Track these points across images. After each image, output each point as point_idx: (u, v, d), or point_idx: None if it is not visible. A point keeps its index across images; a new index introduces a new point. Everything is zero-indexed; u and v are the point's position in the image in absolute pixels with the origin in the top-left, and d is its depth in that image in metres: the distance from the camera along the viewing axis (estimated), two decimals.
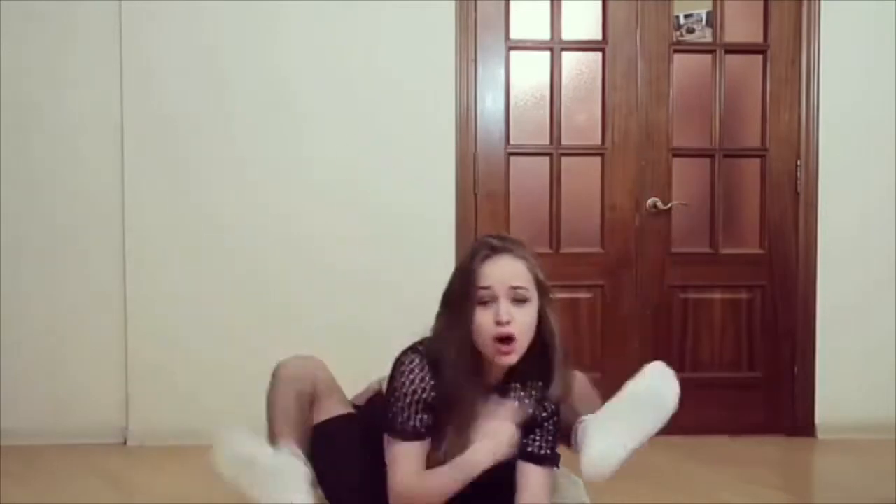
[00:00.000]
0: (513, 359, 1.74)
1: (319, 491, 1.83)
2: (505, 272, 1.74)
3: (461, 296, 1.75)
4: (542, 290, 1.78)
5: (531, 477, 1.81)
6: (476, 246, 1.82)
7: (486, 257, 1.75)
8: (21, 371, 3.47)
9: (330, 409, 1.89)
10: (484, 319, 1.72)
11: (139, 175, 3.47)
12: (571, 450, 1.87)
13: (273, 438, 1.81)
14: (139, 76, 3.46)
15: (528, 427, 1.82)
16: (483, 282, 1.73)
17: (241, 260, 3.51)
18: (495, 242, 1.79)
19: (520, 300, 1.74)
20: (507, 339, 1.72)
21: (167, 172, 3.49)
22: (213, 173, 3.49)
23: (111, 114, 3.46)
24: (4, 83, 3.46)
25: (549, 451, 1.83)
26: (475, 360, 1.76)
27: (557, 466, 1.86)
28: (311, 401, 1.87)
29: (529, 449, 1.82)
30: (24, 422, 3.46)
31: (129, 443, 3.49)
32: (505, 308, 1.72)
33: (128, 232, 3.48)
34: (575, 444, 1.85)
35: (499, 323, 1.71)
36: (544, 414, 1.83)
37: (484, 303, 1.73)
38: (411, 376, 1.76)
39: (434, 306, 1.85)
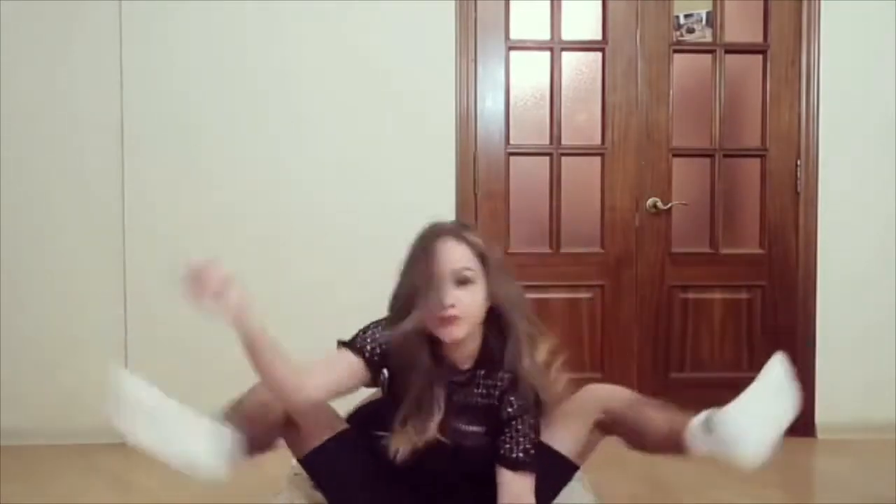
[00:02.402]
0: (457, 332, 1.74)
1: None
2: (445, 257, 1.75)
3: (408, 284, 1.77)
4: (488, 265, 1.78)
5: (505, 483, 1.76)
6: (419, 234, 1.84)
7: (433, 242, 1.77)
8: (21, 371, 3.47)
9: (319, 433, 1.86)
10: (428, 302, 1.73)
11: (139, 175, 3.48)
12: (680, 452, 1.81)
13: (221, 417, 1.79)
14: (139, 76, 3.46)
15: (497, 425, 1.78)
16: (427, 268, 1.74)
17: (242, 260, 3.51)
18: (435, 229, 1.81)
19: (463, 281, 1.74)
20: (449, 318, 1.73)
21: (167, 172, 3.49)
22: (214, 174, 3.49)
23: (111, 114, 3.46)
24: (4, 83, 3.46)
25: (521, 455, 1.76)
26: (431, 341, 1.77)
27: (535, 472, 1.78)
28: (281, 416, 1.84)
29: (501, 451, 1.77)
30: (24, 422, 3.46)
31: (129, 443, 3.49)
32: (447, 291, 1.72)
33: (128, 232, 3.48)
34: (692, 442, 1.78)
35: (442, 312, 1.72)
36: (510, 410, 1.78)
37: (427, 285, 1.74)
38: (376, 330, 1.82)
39: None
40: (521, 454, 1.76)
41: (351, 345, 1.81)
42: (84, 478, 3.05)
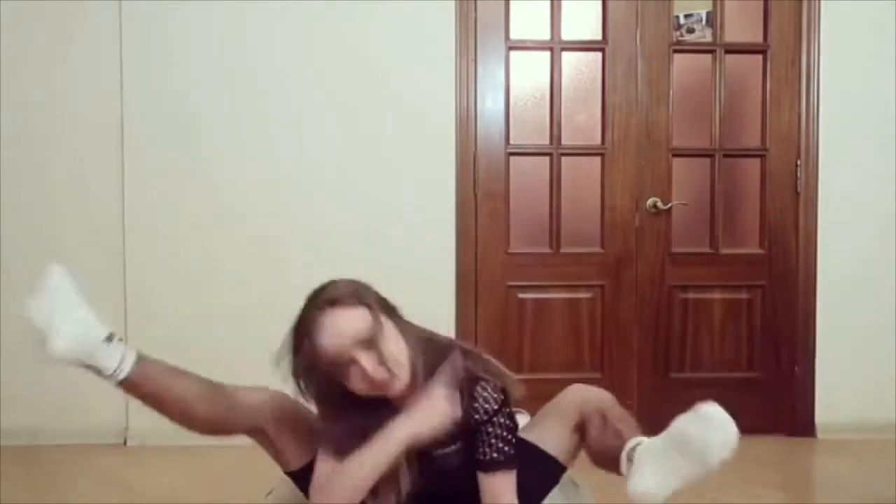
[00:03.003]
0: (399, 384, 1.66)
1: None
2: (345, 326, 1.63)
3: (316, 377, 1.66)
4: (386, 308, 1.69)
5: (484, 486, 1.72)
6: (302, 321, 1.70)
7: (320, 316, 1.65)
8: (21, 371, 3.47)
9: (302, 452, 1.81)
10: (354, 384, 1.64)
11: (139, 175, 3.47)
12: (617, 472, 1.74)
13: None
14: (139, 76, 3.46)
15: (467, 436, 1.72)
16: (327, 351, 1.62)
17: (242, 260, 3.51)
18: (309, 314, 1.68)
19: (368, 345, 1.62)
20: (378, 382, 1.64)
21: (167, 172, 3.49)
22: (214, 174, 3.49)
23: (111, 114, 3.46)
24: (4, 83, 3.46)
25: (495, 455, 1.71)
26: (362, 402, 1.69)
27: (513, 467, 1.73)
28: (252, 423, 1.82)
29: (478, 458, 1.72)
30: (24, 422, 3.46)
31: (129, 443, 3.49)
32: (368, 365, 1.61)
33: (128, 232, 3.48)
34: (622, 467, 1.71)
35: (369, 382, 1.63)
36: (476, 417, 1.70)
37: (337, 364, 1.63)
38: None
39: (434, 307, 1.84)
40: (495, 454, 1.72)
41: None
42: (84, 478, 3.05)
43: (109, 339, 1.82)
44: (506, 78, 3.58)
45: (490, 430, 1.72)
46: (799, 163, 3.61)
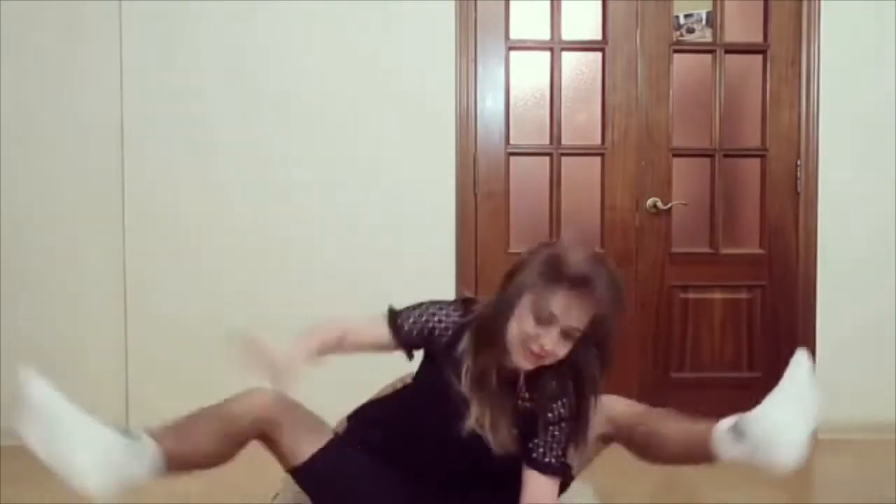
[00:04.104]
0: (532, 367, 1.71)
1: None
2: (573, 313, 1.67)
3: (516, 299, 1.69)
4: (596, 328, 1.72)
5: (531, 484, 1.76)
6: (561, 261, 1.68)
7: (569, 288, 1.66)
8: (21, 371, 3.47)
9: (305, 446, 1.82)
10: (527, 329, 1.68)
11: (139, 175, 3.47)
12: (717, 461, 1.75)
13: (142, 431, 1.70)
14: (139, 76, 3.46)
15: (531, 427, 1.77)
16: (548, 308, 1.66)
17: (243, 259, 3.51)
18: (582, 274, 1.67)
19: (568, 335, 1.69)
20: (536, 356, 1.69)
21: (167, 172, 3.49)
22: (214, 174, 3.49)
23: (111, 114, 3.46)
24: (4, 83, 3.45)
25: (552, 460, 1.77)
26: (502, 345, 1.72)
27: (564, 478, 1.79)
28: (247, 429, 1.82)
29: (533, 455, 1.77)
30: None
31: None
32: (551, 340, 1.67)
33: (128, 232, 3.48)
34: (732, 449, 1.73)
35: (535, 349, 1.67)
36: (550, 415, 1.76)
37: (538, 318, 1.67)
38: (432, 312, 1.80)
39: None
40: (552, 459, 1.76)
41: (392, 320, 1.83)
42: None
43: (126, 434, 1.68)
44: (506, 78, 3.58)
45: (556, 433, 1.76)
46: (799, 163, 3.61)
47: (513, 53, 3.59)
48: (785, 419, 1.70)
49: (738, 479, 2.96)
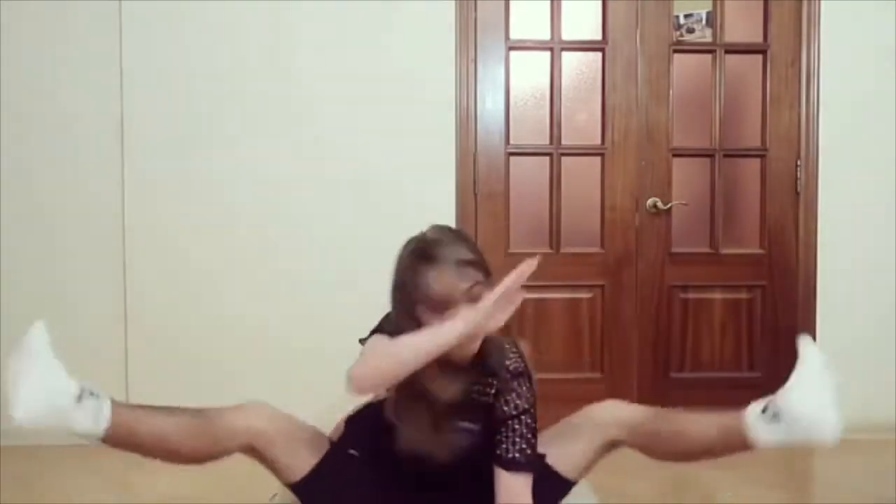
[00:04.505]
0: (475, 345, 1.74)
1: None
2: (462, 276, 1.71)
3: (414, 309, 1.73)
4: (490, 276, 1.75)
5: (501, 484, 1.74)
6: (419, 251, 1.77)
7: (436, 266, 1.71)
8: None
9: (300, 464, 1.83)
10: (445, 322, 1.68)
11: (139, 175, 3.47)
12: (754, 448, 1.78)
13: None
14: (139, 75, 3.46)
15: (492, 425, 1.76)
16: (440, 296, 1.69)
17: (243, 259, 3.51)
18: (443, 250, 1.74)
19: (475, 299, 1.69)
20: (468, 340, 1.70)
21: (167, 173, 3.49)
22: (214, 174, 3.49)
23: (111, 113, 3.46)
24: (4, 83, 3.45)
25: (517, 455, 1.74)
26: None
27: (532, 472, 1.76)
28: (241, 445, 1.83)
29: (497, 451, 1.75)
30: None
31: None
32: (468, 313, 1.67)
33: (128, 232, 3.48)
34: (769, 433, 1.76)
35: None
36: (505, 409, 1.76)
37: (443, 308, 1.68)
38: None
39: None
40: (517, 454, 1.74)
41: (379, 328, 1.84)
42: (84, 478, 3.04)
43: (80, 397, 1.77)
44: (506, 78, 3.58)
45: (517, 427, 1.75)
46: (799, 163, 3.61)
47: (513, 53, 3.59)
48: (815, 395, 1.75)
49: (737, 480, 2.97)
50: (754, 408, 1.79)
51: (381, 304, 1.91)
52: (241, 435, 1.80)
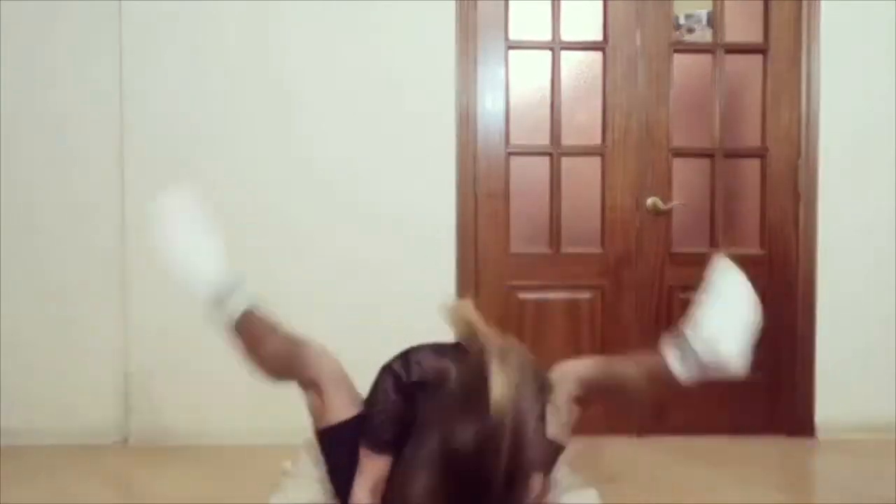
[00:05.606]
0: None
1: (330, 486, 1.86)
2: None
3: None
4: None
5: None
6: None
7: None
8: (21, 371, 3.47)
9: (339, 411, 1.88)
10: None
11: (139, 175, 3.47)
12: (680, 384, 1.83)
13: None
14: (139, 76, 3.46)
15: None
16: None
17: (242, 260, 3.50)
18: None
19: None
20: None
21: (167, 172, 3.48)
22: (214, 174, 3.49)
23: (111, 113, 3.46)
24: (4, 83, 3.46)
25: None
26: None
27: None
28: (308, 384, 1.94)
29: None
30: (24, 422, 3.46)
31: (129, 443, 3.49)
32: None
33: (128, 231, 3.48)
34: (687, 368, 1.81)
35: None
36: None
37: None
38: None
39: (434, 307, 1.84)
40: None
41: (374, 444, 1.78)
42: (84, 478, 3.04)
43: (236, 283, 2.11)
44: (506, 78, 3.58)
45: None
46: (799, 163, 3.61)
47: (513, 53, 3.59)
48: (718, 323, 1.84)
49: (737, 480, 2.97)
50: (670, 343, 1.88)
51: (381, 305, 1.92)
52: (312, 369, 1.96)
